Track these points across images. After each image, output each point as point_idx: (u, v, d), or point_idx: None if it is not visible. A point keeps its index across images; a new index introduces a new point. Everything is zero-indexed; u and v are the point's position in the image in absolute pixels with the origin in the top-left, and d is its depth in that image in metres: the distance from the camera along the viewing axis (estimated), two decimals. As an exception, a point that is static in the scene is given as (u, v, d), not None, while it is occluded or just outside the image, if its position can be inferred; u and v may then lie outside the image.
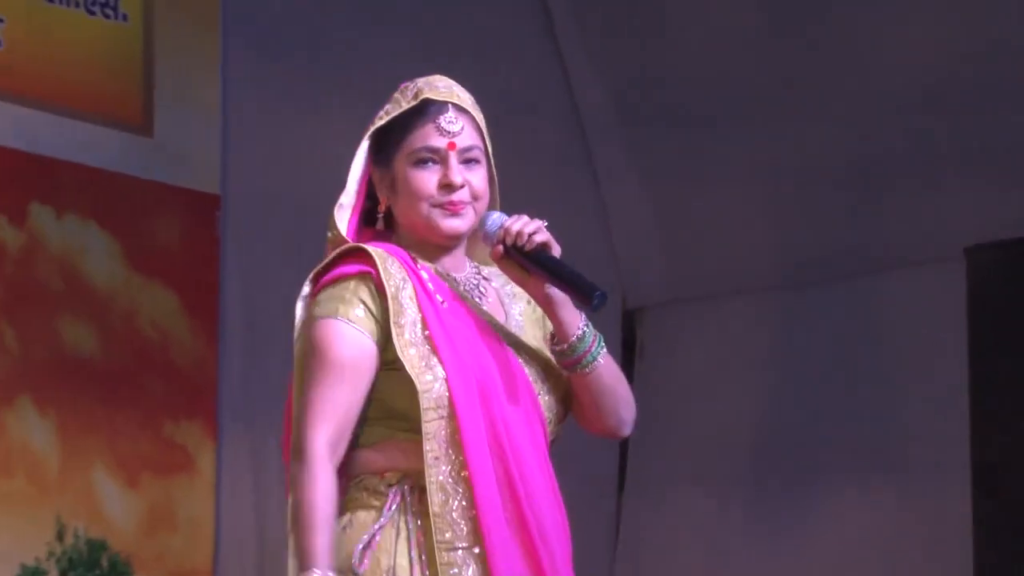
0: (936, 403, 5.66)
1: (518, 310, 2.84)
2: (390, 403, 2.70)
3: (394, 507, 2.69)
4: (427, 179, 2.73)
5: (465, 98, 2.79)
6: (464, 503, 2.66)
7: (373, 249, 2.72)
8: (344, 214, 2.80)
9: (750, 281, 6.30)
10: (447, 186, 2.73)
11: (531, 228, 2.71)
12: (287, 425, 2.81)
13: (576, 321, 2.74)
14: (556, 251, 2.73)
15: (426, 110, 2.74)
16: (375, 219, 2.83)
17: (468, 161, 2.75)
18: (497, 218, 2.77)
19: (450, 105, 2.74)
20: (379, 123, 2.77)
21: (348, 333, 2.68)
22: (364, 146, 2.80)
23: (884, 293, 6.00)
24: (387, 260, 2.72)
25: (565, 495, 2.78)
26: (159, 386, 5.30)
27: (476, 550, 2.65)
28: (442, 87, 2.78)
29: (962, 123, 5.64)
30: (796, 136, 5.96)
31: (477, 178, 2.75)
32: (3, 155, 5.00)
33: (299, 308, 2.79)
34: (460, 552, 2.65)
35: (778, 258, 6.23)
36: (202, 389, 5.40)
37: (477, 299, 2.80)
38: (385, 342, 2.69)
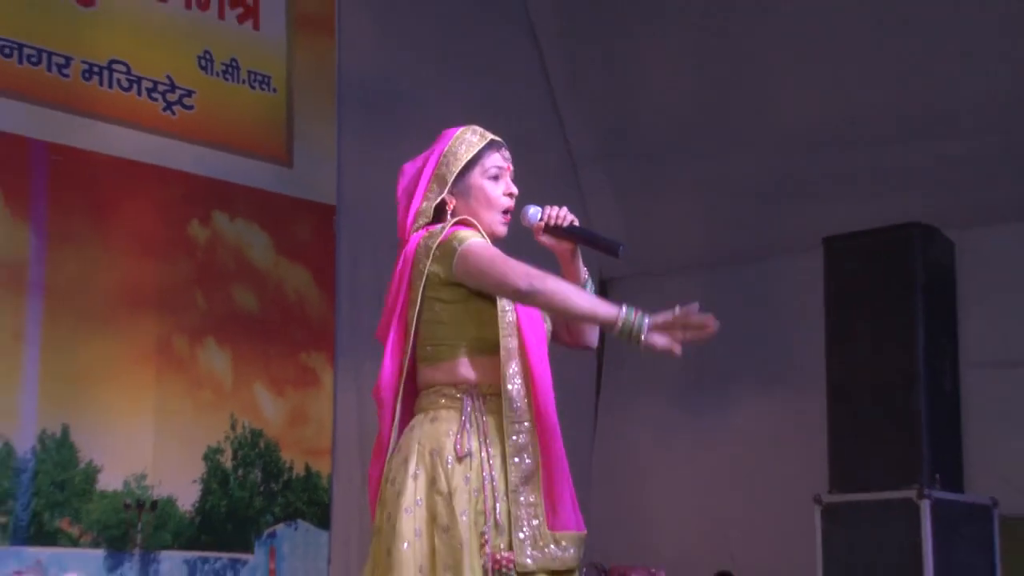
0: (805, 342, 6.22)
1: None
2: (475, 331, 3.08)
3: (469, 408, 3.05)
4: (497, 188, 3.18)
5: None
6: (524, 391, 3.03)
7: (473, 220, 3.13)
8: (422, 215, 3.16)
9: (687, 261, 7.07)
10: (509, 194, 3.20)
11: (564, 212, 3.19)
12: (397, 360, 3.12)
13: (582, 273, 3.23)
14: (576, 224, 3.19)
15: (493, 144, 3.24)
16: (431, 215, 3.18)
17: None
18: (535, 211, 3.18)
19: (502, 143, 3.27)
20: (467, 156, 3.15)
21: (482, 240, 3.08)
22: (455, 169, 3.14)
23: (775, 269, 6.77)
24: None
25: (558, 401, 3.14)
26: (297, 330, 5.92)
27: (527, 424, 3.03)
28: (490, 133, 3.26)
29: (833, 153, 6.37)
30: (721, 165, 6.70)
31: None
32: (196, 180, 5.63)
33: (424, 264, 3.03)
34: (517, 425, 3.02)
35: (706, 247, 6.99)
36: (324, 332, 5.98)
37: None
38: None
